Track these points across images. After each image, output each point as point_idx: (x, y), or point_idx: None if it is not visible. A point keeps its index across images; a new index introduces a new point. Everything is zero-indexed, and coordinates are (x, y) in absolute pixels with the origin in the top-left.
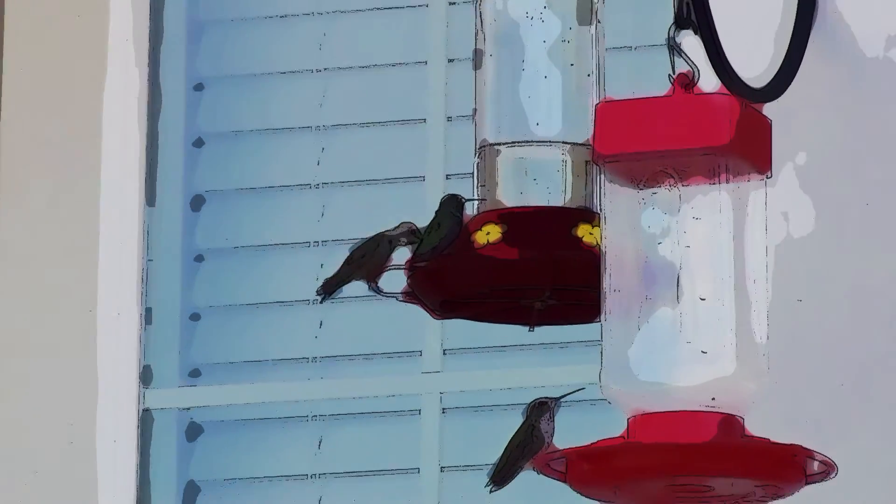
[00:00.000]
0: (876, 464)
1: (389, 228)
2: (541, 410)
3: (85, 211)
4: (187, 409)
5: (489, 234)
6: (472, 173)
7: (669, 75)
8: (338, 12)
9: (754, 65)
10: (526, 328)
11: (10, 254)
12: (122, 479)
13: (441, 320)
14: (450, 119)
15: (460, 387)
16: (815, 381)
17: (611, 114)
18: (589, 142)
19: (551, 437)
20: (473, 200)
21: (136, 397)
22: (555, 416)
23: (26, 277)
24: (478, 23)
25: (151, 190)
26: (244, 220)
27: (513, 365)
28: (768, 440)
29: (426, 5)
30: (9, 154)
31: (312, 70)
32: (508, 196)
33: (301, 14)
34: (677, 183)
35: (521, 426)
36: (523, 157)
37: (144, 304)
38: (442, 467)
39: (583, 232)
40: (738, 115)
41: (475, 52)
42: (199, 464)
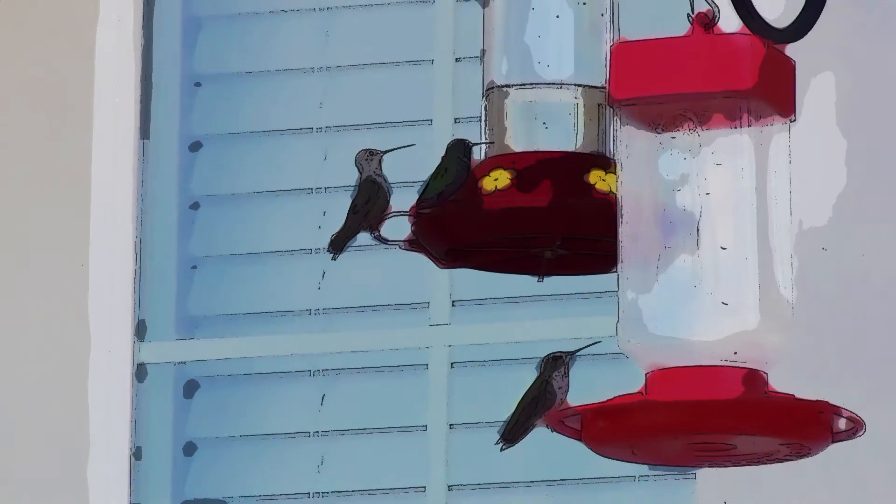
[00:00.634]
0: None
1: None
2: (555, 365)
3: (76, 154)
4: (183, 363)
5: (497, 180)
6: (480, 116)
7: (688, 14)
8: None
9: (776, 4)
10: (534, 278)
11: None
12: (116, 437)
13: (449, 270)
14: (458, 60)
15: (470, 340)
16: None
17: (626, 55)
18: (602, 85)
19: (565, 393)
20: (481, 144)
21: (129, 351)
22: (569, 372)
23: (14, 226)
24: None
25: (146, 129)
26: (243, 165)
27: (525, 317)
28: (793, 396)
29: None
30: None
31: (315, 9)
32: (517, 141)
33: None
34: (697, 126)
35: (534, 381)
36: (533, 100)
37: (139, 253)
38: (450, 424)
39: (595, 178)
40: (761, 56)
41: None
42: (195, 421)
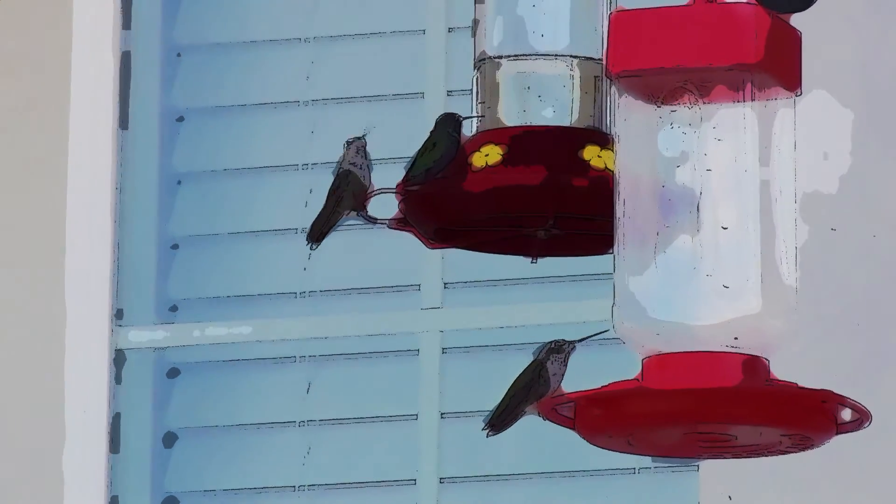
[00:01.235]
0: None
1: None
2: (553, 352)
3: (52, 130)
4: (164, 349)
5: (488, 155)
6: (471, 89)
7: None
8: None
9: None
10: (528, 260)
11: None
12: (92, 426)
13: (440, 250)
14: (451, 30)
15: (463, 324)
16: (848, 320)
17: (625, 25)
18: (599, 56)
19: (560, 380)
20: (472, 118)
21: (107, 336)
22: (568, 360)
23: None
24: None
25: (125, 102)
26: (227, 140)
27: (520, 300)
28: (796, 385)
29: None
30: None
31: None
32: (510, 114)
33: None
34: (697, 100)
35: (529, 366)
36: (526, 71)
37: (117, 232)
38: (442, 413)
39: (590, 154)
40: (766, 27)
41: None
42: (176, 409)
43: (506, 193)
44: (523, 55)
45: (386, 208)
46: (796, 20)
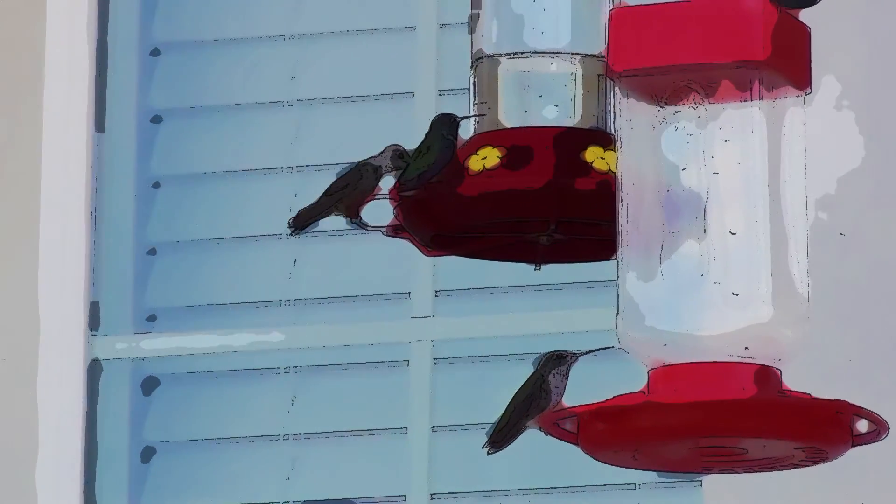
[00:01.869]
0: None
1: (374, 155)
2: (555, 364)
3: (26, 131)
4: (141, 359)
5: (486, 158)
6: (468, 89)
7: None
8: None
9: None
10: (530, 267)
11: None
12: (67, 440)
13: (433, 258)
14: (443, 26)
15: (455, 334)
16: (862, 328)
17: (627, 22)
18: (602, 54)
19: (562, 394)
20: (469, 118)
21: (82, 345)
22: (570, 373)
23: None
24: None
25: (102, 101)
26: (208, 142)
27: (515, 308)
28: (809, 395)
29: None
30: None
31: None
32: (509, 115)
33: None
34: (703, 99)
35: (529, 378)
36: (526, 70)
37: (92, 237)
38: (433, 427)
39: (593, 156)
40: (774, 22)
41: None
42: (154, 423)
43: (505, 198)
44: (523, 53)
45: (380, 214)
46: (805, 15)
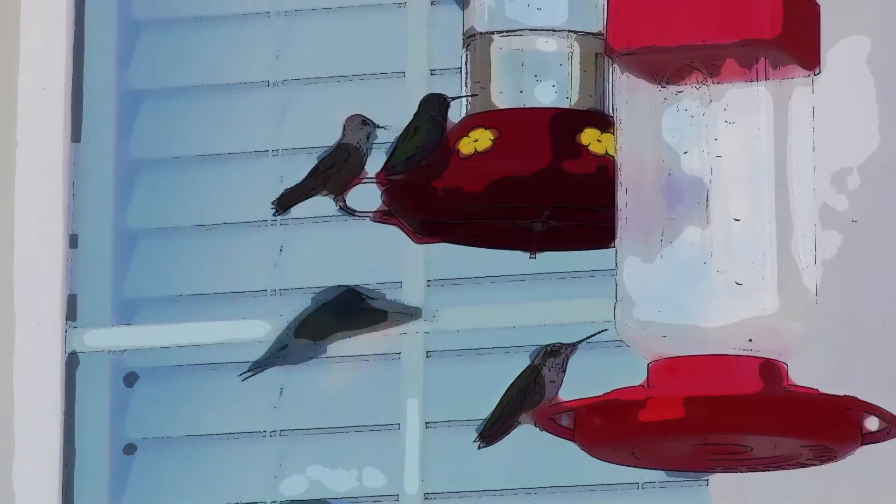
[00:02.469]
0: None
1: (341, 136)
2: (550, 357)
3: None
4: (122, 352)
5: (477, 141)
6: (460, 68)
7: None
8: None
9: None
10: (525, 255)
11: None
12: (45, 436)
13: (424, 245)
14: (434, 3)
15: (448, 325)
16: (873, 320)
17: None
18: (600, 31)
19: (558, 388)
20: (460, 98)
21: (60, 338)
22: (566, 365)
23: None
24: None
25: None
26: (189, 124)
27: (511, 299)
28: (817, 391)
29: None
30: None
31: None
32: (503, 95)
33: None
34: (706, 79)
35: (524, 371)
36: (520, 48)
37: (70, 224)
38: (427, 423)
39: (589, 138)
40: None
41: None
42: (135, 419)
43: (497, 183)
44: (517, 30)
45: (367, 198)
46: None
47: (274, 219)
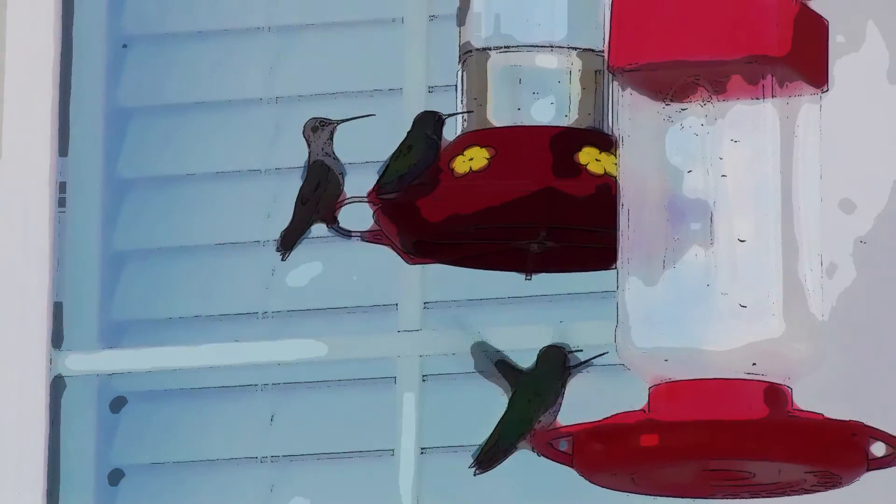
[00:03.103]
0: None
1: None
2: None
3: None
4: (109, 375)
5: (472, 160)
6: (456, 85)
7: None
8: None
9: None
10: (521, 276)
11: None
12: (28, 463)
13: (420, 266)
14: (433, 18)
15: (445, 349)
16: (881, 343)
17: (629, 13)
18: (601, 48)
19: (557, 413)
20: (455, 115)
21: (45, 362)
22: (565, 390)
23: None
24: None
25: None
26: (179, 141)
27: (510, 322)
28: (822, 416)
29: None
30: None
31: None
32: (500, 113)
33: None
34: (711, 96)
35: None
36: (518, 64)
37: (56, 243)
38: (422, 448)
39: (587, 158)
40: (790, 14)
41: None
42: (122, 444)
43: (492, 203)
44: (515, 46)
45: (358, 219)
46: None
47: (266, 239)
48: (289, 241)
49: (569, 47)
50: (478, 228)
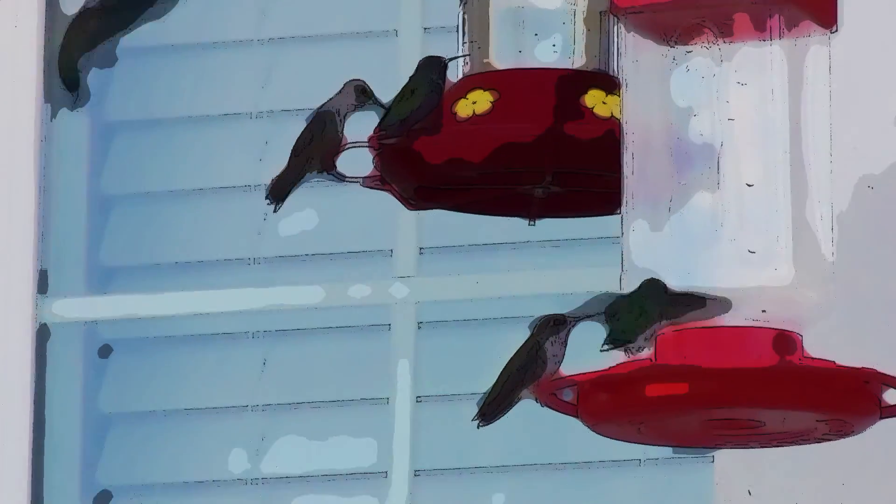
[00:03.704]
0: None
1: (332, 97)
2: (552, 330)
3: None
4: (95, 322)
5: (475, 103)
6: (457, 27)
7: None
8: None
9: None
10: (524, 221)
11: None
12: (14, 411)
13: (417, 211)
14: None
15: (441, 295)
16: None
17: None
18: None
19: (560, 362)
20: (458, 58)
21: (30, 309)
22: (568, 339)
23: None
24: None
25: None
26: (168, 83)
27: (510, 267)
28: (833, 363)
29: None
30: None
31: None
32: (501, 56)
33: None
34: (718, 38)
35: (524, 345)
36: (521, 5)
37: (41, 188)
38: (418, 397)
39: (593, 100)
40: None
41: None
42: (110, 393)
43: (496, 147)
44: None
45: (358, 163)
46: None
47: (257, 184)
48: (279, 191)
49: None
50: (481, 173)
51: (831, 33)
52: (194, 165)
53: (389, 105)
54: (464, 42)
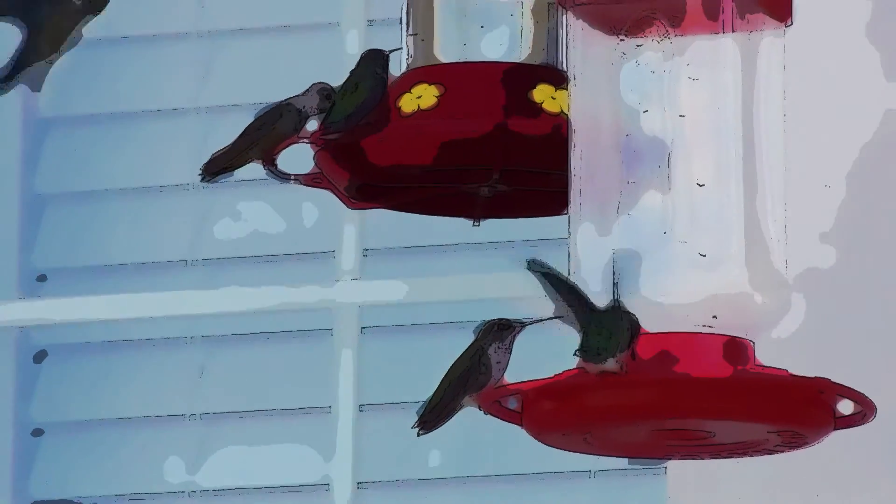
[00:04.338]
0: None
1: (298, 94)
2: (496, 335)
3: None
4: (28, 327)
5: (420, 98)
6: (400, 19)
7: None
8: None
9: None
10: (469, 222)
11: None
12: None
13: (360, 210)
14: None
15: (384, 297)
16: (848, 295)
17: None
18: None
19: (504, 369)
20: (398, 50)
21: None
22: (513, 344)
23: None
24: None
25: None
26: (104, 77)
27: (455, 270)
28: (786, 372)
29: None
30: None
31: None
32: (447, 49)
33: None
34: (669, 31)
35: (466, 350)
36: None
37: None
38: (360, 405)
39: (542, 96)
40: None
41: None
42: (43, 400)
43: (441, 144)
44: None
45: (298, 161)
46: None
47: (195, 183)
48: (213, 167)
49: None
50: (426, 171)
51: (786, 27)
52: (131, 163)
53: (333, 100)
54: (408, 34)
